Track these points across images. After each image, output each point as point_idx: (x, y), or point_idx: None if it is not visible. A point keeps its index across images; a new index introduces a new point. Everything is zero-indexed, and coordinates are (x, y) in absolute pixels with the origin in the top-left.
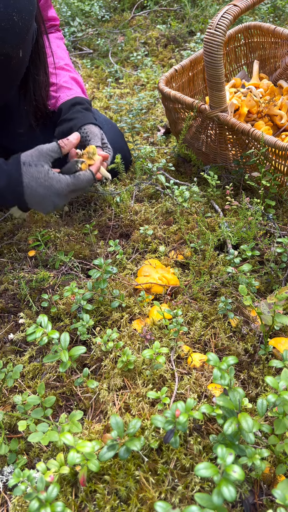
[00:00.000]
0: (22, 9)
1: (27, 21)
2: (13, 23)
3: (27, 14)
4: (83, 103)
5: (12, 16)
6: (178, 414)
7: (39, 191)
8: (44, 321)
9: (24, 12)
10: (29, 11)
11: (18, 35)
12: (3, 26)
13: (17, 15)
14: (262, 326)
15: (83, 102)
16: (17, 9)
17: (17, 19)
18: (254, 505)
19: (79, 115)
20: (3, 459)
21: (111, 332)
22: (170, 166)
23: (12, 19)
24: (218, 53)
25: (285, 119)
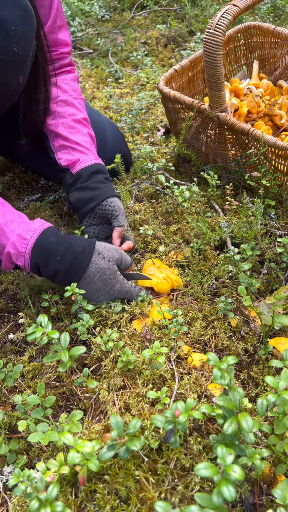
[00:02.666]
0: (21, 37)
1: (27, 49)
2: (13, 54)
3: (27, 41)
4: (104, 172)
5: (12, 47)
6: (178, 414)
7: (97, 284)
8: (44, 321)
9: (24, 41)
10: (29, 37)
11: (18, 64)
12: (3, 59)
13: (17, 45)
14: (262, 326)
15: (104, 171)
16: (17, 39)
17: (17, 50)
18: (254, 505)
19: (102, 185)
20: (3, 459)
21: (111, 332)
22: (170, 166)
23: (12, 50)
24: (218, 53)
25: (285, 119)
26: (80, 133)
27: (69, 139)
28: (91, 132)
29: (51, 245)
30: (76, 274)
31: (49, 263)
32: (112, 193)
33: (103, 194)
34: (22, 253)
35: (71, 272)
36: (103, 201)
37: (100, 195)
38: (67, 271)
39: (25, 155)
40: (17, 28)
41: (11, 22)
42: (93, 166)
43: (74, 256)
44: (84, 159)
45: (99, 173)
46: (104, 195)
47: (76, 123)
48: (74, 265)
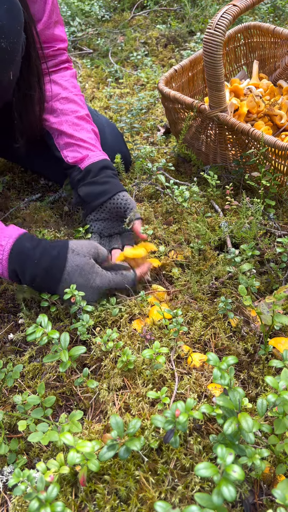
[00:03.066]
0: (9, 32)
1: (15, 44)
2: (1, 50)
3: (15, 36)
4: (112, 168)
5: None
6: (178, 414)
7: (78, 282)
8: (44, 321)
9: (11, 35)
10: (17, 31)
11: (8, 60)
12: None
13: (5, 40)
14: (262, 326)
15: (112, 167)
16: (4, 35)
17: (5, 45)
18: (254, 505)
19: (112, 180)
20: (3, 459)
21: (111, 332)
22: (170, 166)
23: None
24: (218, 53)
25: (285, 119)
26: (84, 130)
27: (74, 136)
28: (95, 128)
29: (27, 250)
30: (55, 277)
31: (26, 268)
32: (122, 188)
33: (115, 189)
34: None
35: (49, 276)
36: (115, 195)
37: (112, 189)
38: (44, 275)
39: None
40: (4, 24)
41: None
42: (101, 161)
43: (50, 259)
44: (92, 155)
45: (107, 169)
46: (116, 189)
47: (79, 120)
48: (52, 268)
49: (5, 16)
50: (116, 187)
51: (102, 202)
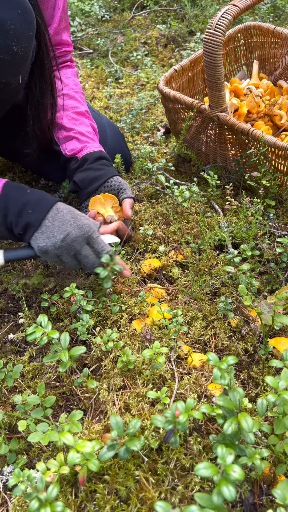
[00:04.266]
0: (21, 37)
1: (26, 48)
2: (12, 54)
3: (26, 41)
4: (108, 159)
5: (11, 46)
6: (178, 414)
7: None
8: (44, 321)
9: (23, 40)
10: (29, 37)
11: (18, 64)
12: (2, 58)
13: (17, 44)
14: (262, 326)
15: (108, 158)
16: (16, 39)
17: (17, 49)
18: (254, 505)
19: (107, 168)
20: (3, 459)
21: (111, 332)
22: (170, 166)
23: (11, 49)
24: (218, 53)
25: (285, 119)
26: (83, 124)
27: (73, 130)
28: (94, 123)
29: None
30: (45, 205)
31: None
32: (116, 173)
33: (109, 174)
34: None
35: (41, 203)
36: (109, 179)
37: (106, 174)
38: (37, 202)
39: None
40: (16, 28)
41: (10, 21)
42: (98, 152)
43: (42, 193)
44: (89, 145)
45: (104, 159)
46: (110, 174)
47: (79, 115)
48: (44, 198)
49: (18, 21)
50: (110, 172)
51: (97, 187)
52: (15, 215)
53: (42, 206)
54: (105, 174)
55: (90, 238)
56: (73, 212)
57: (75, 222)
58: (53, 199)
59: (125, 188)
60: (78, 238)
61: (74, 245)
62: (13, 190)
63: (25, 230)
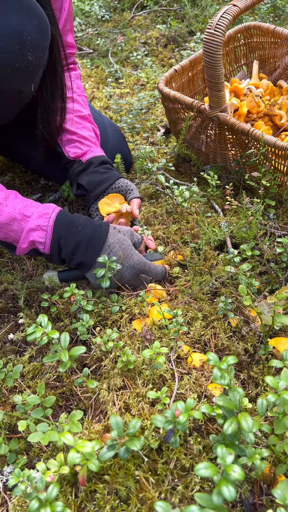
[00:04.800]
0: (36, 47)
1: (40, 58)
2: (27, 63)
3: (41, 51)
4: (111, 163)
5: (27, 56)
6: (178, 414)
7: (118, 254)
8: (44, 321)
9: (38, 50)
10: (43, 47)
11: (32, 73)
12: (17, 67)
13: (32, 54)
14: (262, 326)
15: (111, 163)
16: (32, 49)
17: (32, 58)
18: (254, 505)
19: (112, 171)
20: (3, 459)
21: (111, 332)
22: (170, 166)
23: (27, 59)
24: (218, 53)
25: (285, 119)
26: (86, 128)
27: (76, 133)
28: (95, 128)
29: (72, 217)
30: (97, 245)
31: (72, 234)
32: (122, 176)
33: (115, 176)
34: (44, 228)
35: (92, 243)
36: (116, 180)
37: (112, 176)
38: (88, 242)
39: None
40: (33, 38)
41: (27, 31)
42: (102, 157)
43: (93, 227)
44: (93, 150)
45: (107, 163)
46: (116, 177)
47: (81, 119)
48: (95, 235)
49: (35, 31)
50: (116, 175)
51: (104, 189)
52: (68, 254)
53: (94, 246)
54: (112, 176)
55: (144, 271)
56: (123, 246)
57: (127, 263)
58: (104, 235)
59: (132, 188)
60: (132, 276)
61: (131, 281)
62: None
63: (79, 267)
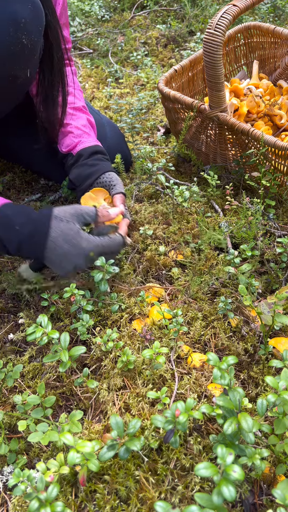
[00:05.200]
0: (31, 31)
1: (35, 42)
2: (22, 46)
3: (36, 35)
4: (103, 153)
5: (21, 39)
6: (178, 414)
7: (64, 247)
8: (44, 321)
9: (33, 34)
10: (38, 32)
11: (27, 57)
12: (12, 50)
13: (27, 37)
14: (262, 326)
15: (103, 152)
16: (26, 32)
17: (26, 42)
18: (254, 505)
19: (102, 163)
20: (3, 459)
21: (111, 332)
22: (170, 166)
23: (21, 42)
24: (218, 53)
25: (285, 119)
26: (79, 119)
27: (69, 124)
28: (91, 118)
29: (9, 217)
30: (39, 243)
31: (11, 235)
32: (110, 168)
33: (102, 169)
34: None
35: (33, 242)
36: (101, 175)
37: (99, 170)
38: (29, 242)
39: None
40: (27, 21)
41: (21, 15)
42: (93, 147)
43: (32, 225)
44: (84, 140)
45: (99, 153)
46: (102, 170)
47: (75, 111)
48: (36, 234)
49: (29, 15)
50: (104, 168)
51: (90, 183)
52: (15, 252)
53: (36, 245)
54: (98, 169)
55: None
56: (68, 237)
57: (75, 251)
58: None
59: (115, 183)
60: (86, 263)
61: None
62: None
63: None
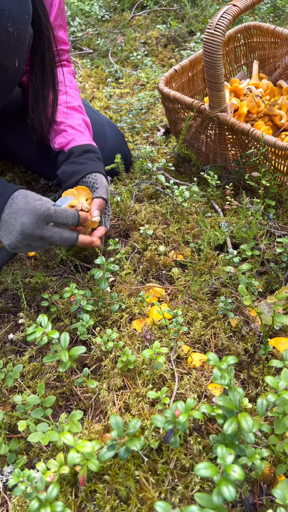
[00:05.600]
0: (17, 19)
1: (22, 31)
2: (8, 34)
3: (22, 23)
4: (96, 152)
5: (7, 27)
6: (178, 414)
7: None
8: (44, 321)
9: (19, 22)
10: (24, 20)
11: (14, 46)
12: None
13: (12, 25)
14: (262, 326)
15: (96, 152)
16: (12, 20)
17: (12, 30)
18: (254, 505)
19: (91, 162)
20: (3, 459)
21: (111, 332)
22: (170, 166)
23: (7, 30)
24: (218, 53)
25: (285, 119)
26: (74, 118)
27: (63, 123)
28: (86, 118)
29: None
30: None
31: None
32: (98, 169)
33: (89, 169)
34: None
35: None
36: (87, 174)
37: (86, 169)
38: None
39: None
40: (12, 9)
41: (5, 2)
42: (86, 145)
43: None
44: (77, 138)
45: (91, 152)
46: (89, 170)
47: (70, 110)
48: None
49: (13, 3)
50: (92, 167)
51: (76, 181)
52: None
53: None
54: (86, 168)
55: (48, 216)
56: (27, 198)
57: (27, 208)
58: (12, 189)
59: (98, 186)
60: (34, 224)
61: (34, 231)
62: None
63: None
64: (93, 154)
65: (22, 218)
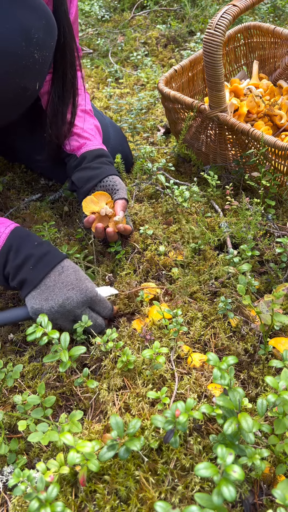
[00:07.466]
0: (43, 46)
1: (47, 57)
2: (33, 60)
3: (47, 50)
4: (108, 156)
5: (33, 53)
6: (178, 414)
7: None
8: (44, 321)
9: (45, 49)
10: (50, 47)
11: (37, 71)
12: (24, 64)
13: (38, 52)
14: (262, 325)
15: (108, 156)
16: (39, 47)
17: (38, 56)
18: (254, 505)
19: (105, 166)
20: (3, 459)
21: (110, 332)
22: (170, 166)
23: (33, 56)
24: (218, 53)
25: (285, 119)
26: (86, 122)
27: (76, 126)
28: (97, 123)
29: (30, 233)
30: (49, 262)
31: (26, 246)
32: (114, 172)
33: (105, 173)
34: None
35: (45, 259)
36: (104, 178)
37: (102, 173)
38: (41, 257)
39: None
40: (40, 36)
41: (35, 30)
42: (98, 150)
43: (51, 247)
44: (89, 143)
45: (103, 157)
46: (106, 173)
47: (82, 113)
48: (50, 254)
49: (42, 30)
50: (107, 171)
51: (92, 186)
52: (13, 268)
53: (45, 262)
54: (102, 173)
55: (93, 301)
56: (79, 273)
57: (78, 285)
58: (61, 256)
59: (118, 188)
60: (78, 303)
61: (75, 309)
62: (19, 240)
63: (21, 286)
64: (105, 158)
65: (70, 292)
